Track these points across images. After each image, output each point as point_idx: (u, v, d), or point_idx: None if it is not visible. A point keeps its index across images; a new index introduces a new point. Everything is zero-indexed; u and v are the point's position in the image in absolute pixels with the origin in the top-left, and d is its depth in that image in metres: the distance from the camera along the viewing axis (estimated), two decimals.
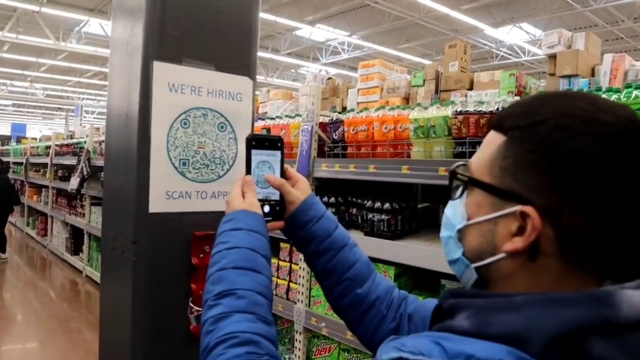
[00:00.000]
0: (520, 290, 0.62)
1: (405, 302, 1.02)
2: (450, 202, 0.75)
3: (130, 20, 1.22)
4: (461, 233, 0.72)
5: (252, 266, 0.86)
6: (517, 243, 0.63)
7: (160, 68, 1.17)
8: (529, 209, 0.61)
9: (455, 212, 0.73)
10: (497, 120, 0.69)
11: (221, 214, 0.99)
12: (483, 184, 0.68)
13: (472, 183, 0.70)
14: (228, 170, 1.30)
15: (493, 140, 0.68)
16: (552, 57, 3.38)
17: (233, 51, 1.29)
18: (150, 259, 1.18)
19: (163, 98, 1.17)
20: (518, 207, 0.62)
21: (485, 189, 0.67)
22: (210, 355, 0.76)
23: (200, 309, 1.19)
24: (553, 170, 0.60)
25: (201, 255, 1.22)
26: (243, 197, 0.97)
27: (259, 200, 0.99)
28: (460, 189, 0.72)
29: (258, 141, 1.03)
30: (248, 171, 1.02)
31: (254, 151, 1.02)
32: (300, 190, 1.04)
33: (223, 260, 0.87)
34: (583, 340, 0.53)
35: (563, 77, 3.28)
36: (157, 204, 1.18)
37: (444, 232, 0.76)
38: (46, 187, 9.94)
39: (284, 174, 1.05)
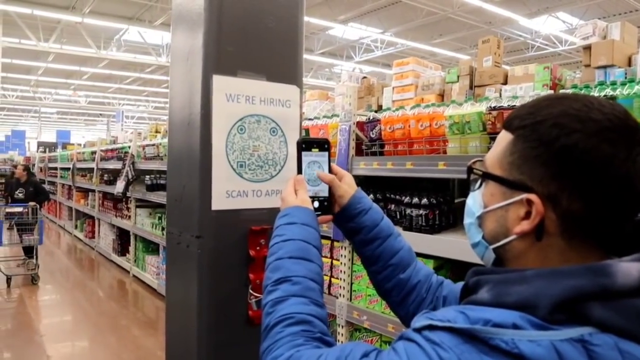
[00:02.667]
0: (532, 267, 0.71)
1: (441, 286, 1.12)
2: (470, 193, 0.85)
3: (190, 38, 1.35)
4: (480, 219, 0.82)
5: (305, 256, 0.97)
6: (525, 225, 0.72)
7: (218, 81, 1.29)
8: (532, 197, 0.71)
9: (474, 202, 0.83)
10: (506, 121, 0.79)
11: (274, 210, 1.11)
12: (495, 177, 0.78)
13: (486, 176, 0.80)
14: (280, 170, 1.42)
15: (503, 139, 0.78)
16: (587, 48, 3.34)
17: (281, 62, 1.42)
18: (213, 251, 1.30)
19: (222, 107, 1.30)
20: (524, 195, 0.72)
21: (497, 180, 0.78)
22: (270, 333, 0.87)
23: (258, 296, 1.31)
24: (551, 162, 0.70)
25: (257, 248, 1.34)
26: (296, 194, 1.09)
27: (310, 197, 1.11)
28: (478, 181, 0.82)
29: (307, 144, 1.16)
30: (299, 171, 1.14)
31: (304, 153, 1.15)
32: (348, 185, 1.15)
33: (280, 251, 0.98)
34: (584, 304, 0.63)
35: (598, 68, 3.23)
36: (219, 202, 1.30)
37: (466, 220, 0.86)
38: (92, 191, 10.24)
39: (331, 170, 1.16)
